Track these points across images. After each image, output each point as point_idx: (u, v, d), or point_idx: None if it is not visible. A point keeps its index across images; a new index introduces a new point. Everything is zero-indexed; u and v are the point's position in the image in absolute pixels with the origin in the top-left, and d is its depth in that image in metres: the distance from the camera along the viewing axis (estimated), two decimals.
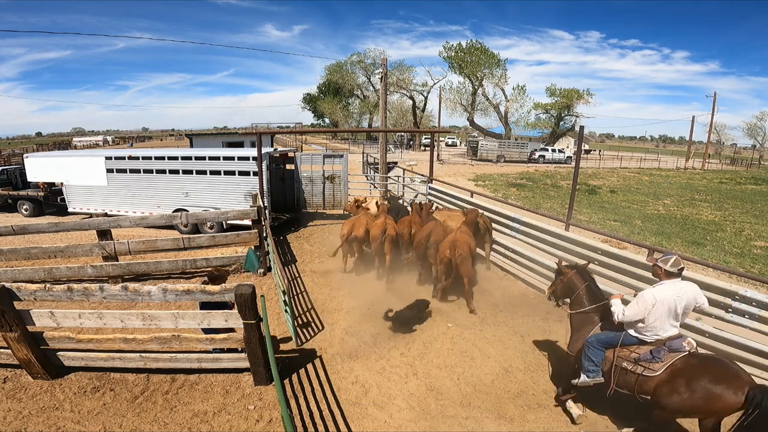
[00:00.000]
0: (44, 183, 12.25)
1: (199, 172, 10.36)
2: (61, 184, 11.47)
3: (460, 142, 58.31)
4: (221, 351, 4.46)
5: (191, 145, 20.02)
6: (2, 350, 4.37)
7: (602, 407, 4.04)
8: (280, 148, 13.53)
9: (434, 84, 45.47)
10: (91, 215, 10.87)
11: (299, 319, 5.92)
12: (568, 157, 35.92)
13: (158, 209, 10.54)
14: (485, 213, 8.22)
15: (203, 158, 10.30)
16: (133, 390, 4.30)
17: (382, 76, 14.73)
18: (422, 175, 12.20)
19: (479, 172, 26.43)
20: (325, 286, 7.05)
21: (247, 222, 7.93)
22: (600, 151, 51.24)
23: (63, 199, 11.73)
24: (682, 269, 3.50)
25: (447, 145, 56.49)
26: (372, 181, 15.56)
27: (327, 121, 57.61)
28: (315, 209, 11.96)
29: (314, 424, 3.84)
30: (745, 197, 20.42)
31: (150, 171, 10.66)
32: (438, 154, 35.22)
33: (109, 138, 71.97)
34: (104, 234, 6.98)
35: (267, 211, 8.67)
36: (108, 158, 10.97)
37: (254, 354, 4.14)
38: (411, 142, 48.90)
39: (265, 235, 7.45)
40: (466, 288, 6.20)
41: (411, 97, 48.18)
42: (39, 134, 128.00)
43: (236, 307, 3.90)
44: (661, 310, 3.43)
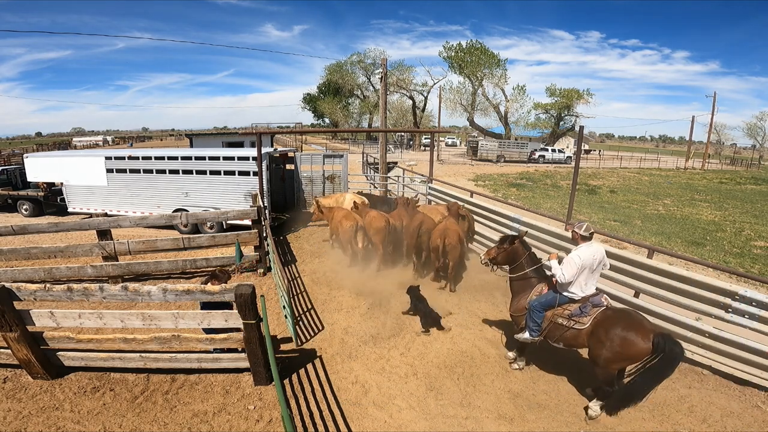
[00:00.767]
0: (44, 183, 12.26)
1: (199, 172, 10.36)
2: (61, 184, 11.47)
3: (460, 142, 58.33)
4: (222, 351, 4.46)
5: (191, 145, 20.00)
6: (2, 350, 4.37)
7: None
8: (280, 148, 13.53)
9: (434, 84, 45.56)
10: (91, 215, 10.87)
11: (299, 319, 5.92)
12: (568, 157, 35.92)
13: (158, 209, 10.54)
14: (485, 213, 8.34)
15: (203, 158, 10.30)
16: (133, 390, 4.30)
17: (382, 76, 14.73)
18: (422, 175, 12.20)
19: (479, 172, 26.43)
20: (325, 286, 7.05)
21: (247, 222, 7.93)
22: (600, 151, 51.24)
23: (63, 199, 11.74)
24: (592, 233, 4.23)
25: (447, 145, 56.50)
26: (372, 181, 15.55)
27: (327, 121, 57.58)
28: None
29: (314, 424, 3.84)
30: (745, 197, 20.43)
31: (150, 171, 10.66)
32: (438, 154, 35.23)
33: (109, 138, 71.92)
34: (104, 234, 6.98)
35: (267, 211, 8.67)
36: (108, 158, 10.97)
37: (254, 354, 4.14)
38: (411, 142, 48.90)
39: (265, 235, 7.45)
40: (450, 271, 6.86)
41: (411, 97, 48.21)
42: (39, 134, 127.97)
43: (236, 307, 3.90)
44: (585, 270, 4.08)
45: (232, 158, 10.16)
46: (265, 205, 8.73)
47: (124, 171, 10.83)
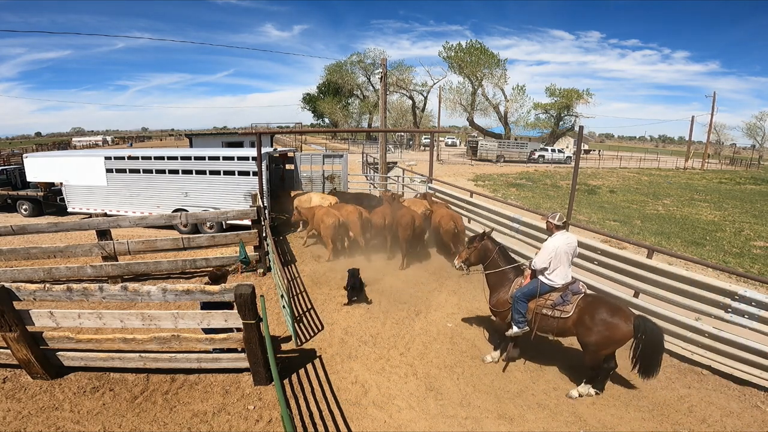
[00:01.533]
0: (45, 183, 12.25)
1: (198, 172, 10.36)
2: (61, 184, 11.46)
3: (460, 142, 58.34)
4: (222, 351, 4.46)
5: (191, 145, 19.99)
6: (2, 350, 4.36)
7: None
8: (279, 148, 13.53)
9: (434, 84, 45.58)
10: (90, 215, 10.86)
11: (299, 319, 5.92)
12: (567, 157, 35.94)
13: (158, 209, 10.53)
14: (485, 213, 8.40)
15: (203, 158, 10.29)
16: (133, 390, 4.30)
17: (381, 76, 14.74)
18: (422, 175, 12.20)
19: (479, 172, 26.44)
20: (324, 286, 7.05)
21: (247, 222, 7.93)
22: (599, 151, 51.23)
23: (62, 199, 11.73)
24: (566, 223, 4.55)
25: (447, 145, 56.48)
26: (372, 181, 15.55)
27: (327, 121, 57.60)
28: None
29: (314, 424, 3.83)
30: (745, 197, 20.44)
31: (149, 171, 10.65)
32: (437, 154, 35.23)
33: (108, 138, 71.83)
34: (104, 234, 6.98)
35: (266, 211, 8.67)
36: (107, 158, 10.96)
37: (254, 354, 4.14)
38: (411, 142, 48.91)
39: (264, 235, 7.45)
40: (453, 249, 7.81)
41: (411, 97, 48.23)
42: (39, 134, 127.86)
43: (236, 307, 3.90)
44: (560, 256, 4.29)
45: (231, 158, 10.16)
46: (265, 205, 8.73)
47: (123, 171, 10.82)
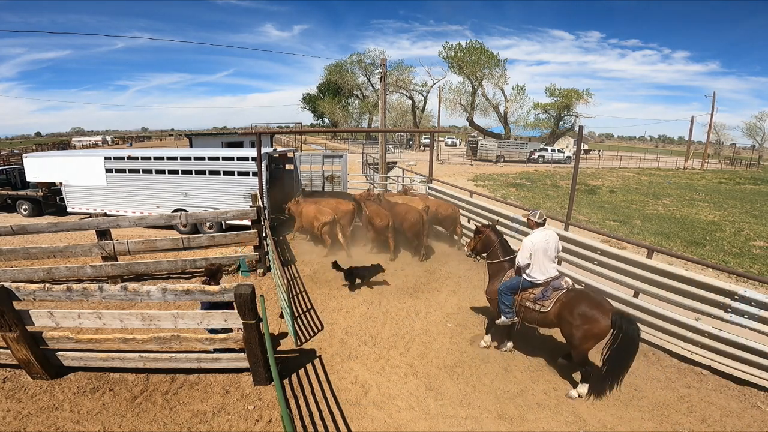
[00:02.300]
0: (46, 183, 12.24)
1: (198, 173, 10.35)
2: (60, 184, 11.46)
3: (460, 142, 58.33)
4: (223, 351, 4.46)
5: (191, 145, 19.98)
6: (2, 350, 4.36)
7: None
8: (279, 149, 13.52)
9: (434, 84, 45.54)
10: (90, 215, 10.86)
11: (299, 319, 5.92)
12: (567, 157, 35.94)
13: (157, 209, 10.53)
14: (485, 213, 8.41)
15: (202, 158, 10.29)
16: (133, 390, 4.30)
17: (381, 76, 14.74)
18: (422, 175, 12.20)
19: (479, 172, 26.44)
20: (324, 286, 7.05)
21: (247, 222, 7.93)
22: (599, 151, 51.22)
23: (62, 199, 11.72)
24: (545, 220, 4.68)
25: (446, 145, 56.48)
26: (372, 181, 15.56)
27: (327, 121, 57.60)
28: None
29: (314, 424, 3.83)
30: (745, 197, 20.44)
31: (149, 171, 10.65)
32: (437, 154, 35.24)
33: (108, 138, 71.75)
34: (103, 234, 6.98)
35: (266, 211, 8.67)
36: (107, 158, 10.96)
37: (254, 354, 4.14)
38: (411, 142, 48.91)
39: (264, 235, 7.45)
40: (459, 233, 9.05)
41: (410, 97, 48.21)
42: (38, 134, 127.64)
43: (236, 307, 3.90)
44: (539, 254, 4.41)
45: (231, 158, 10.16)
46: (265, 205, 8.73)
47: (123, 171, 10.82)
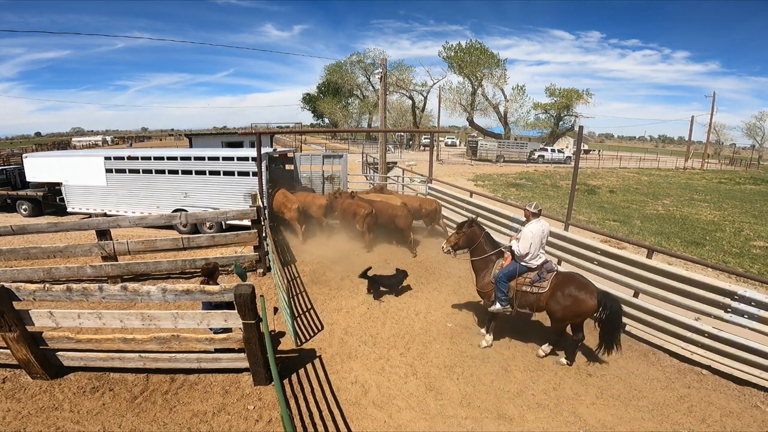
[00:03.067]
0: (49, 183, 12.23)
1: (198, 173, 10.35)
2: (60, 184, 11.46)
3: (460, 142, 58.33)
4: (223, 351, 4.46)
5: (191, 145, 19.98)
6: (1, 350, 4.36)
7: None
8: (279, 149, 13.52)
9: (434, 84, 45.54)
10: (90, 215, 10.85)
11: (299, 319, 5.92)
12: (567, 157, 35.93)
13: (157, 209, 10.52)
14: (485, 213, 8.42)
15: (202, 158, 10.29)
16: (133, 390, 4.30)
17: (381, 76, 14.74)
18: (422, 175, 12.20)
19: (479, 172, 26.43)
20: (324, 286, 7.05)
21: (247, 222, 7.93)
22: (599, 151, 51.21)
23: (62, 199, 11.72)
24: (540, 211, 4.96)
25: (446, 145, 56.47)
26: (371, 181, 15.55)
27: (327, 121, 57.61)
28: None
29: (314, 424, 3.83)
30: (744, 197, 20.44)
31: (149, 171, 10.65)
32: (437, 154, 35.24)
33: (108, 138, 71.71)
34: (103, 234, 6.97)
35: (266, 211, 8.67)
36: (107, 158, 10.96)
37: (254, 354, 4.14)
38: (410, 142, 48.91)
39: (264, 235, 7.45)
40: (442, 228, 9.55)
41: (410, 97, 48.21)
42: (38, 134, 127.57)
43: (236, 307, 3.90)
44: (536, 241, 4.74)
45: (231, 159, 10.15)
46: (265, 205, 8.73)
47: (123, 171, 10.81)
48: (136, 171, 10.73)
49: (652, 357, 5.09)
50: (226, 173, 10.22)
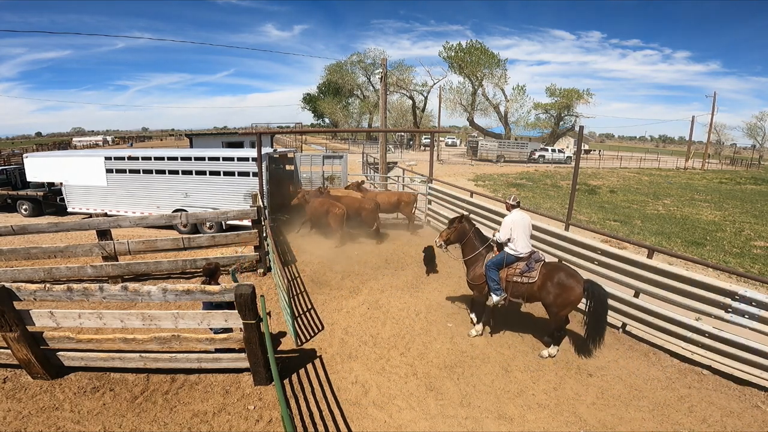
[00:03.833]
0: (48, 183, 12.25)
1: (198, 173, 10.36)
2: (61, 184, 11.47)
3: (460, 142, 58.30)
4: (223, 351, 4.46)
5: (191, 145, 19.99)
6: (2, 350, 4.37)
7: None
8: (279, 149, 13.53)
9: (434, 84, 45.54)
10: (90, 215, 10.86)
11: (299, 319, 5.92)
12: (567, 157, 35.93)
13: (158, 209, 10.53)
14: (485, 213, 8.41)
15: (203, 159, 10.30)
16: (133, 390, 4.30)
17: (382, 76, 14.74)
18: (422, 175, 12.20)
19: (479, 172, 26.43)
20: (325, 286, 7.05)
21: (247, 222, 7.93)
22: (600, 151, 51.22)
23: (62, 199, 11.73)
24: (519, 203, 5.26)
25: (447, 145, 56.49)
26: (372, 181, 15.56)
27: (327, 121, 57.64)
28: None
29: (314, 424, 3.84)
30: (745, 197, 20.43)
31: (149, 171, 10.66)
32: (438, 154, 35.24)
33: (108, 138, 71.74)
34: (104, 234, 6.98)
35: (266, 211, 8.68)
36: (107, 158, 10.97)
37: (254, 354, 4.14)
38: (411, 142, 48.91)
39: (264, 235, 7.45)
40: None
41: (411, 97, 48.21)
42: (39, 134, 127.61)
43: (236, 307, 3.90)
44: (519, 229, 5.00)
45: (231, 159, 10.16)
46: (265, 205, 8.74)
47: (123, 171, 10.82)
48: (137, 171, 10.74)
49: (653, 357, 5.09)
50: (226, 173, 10.22)
